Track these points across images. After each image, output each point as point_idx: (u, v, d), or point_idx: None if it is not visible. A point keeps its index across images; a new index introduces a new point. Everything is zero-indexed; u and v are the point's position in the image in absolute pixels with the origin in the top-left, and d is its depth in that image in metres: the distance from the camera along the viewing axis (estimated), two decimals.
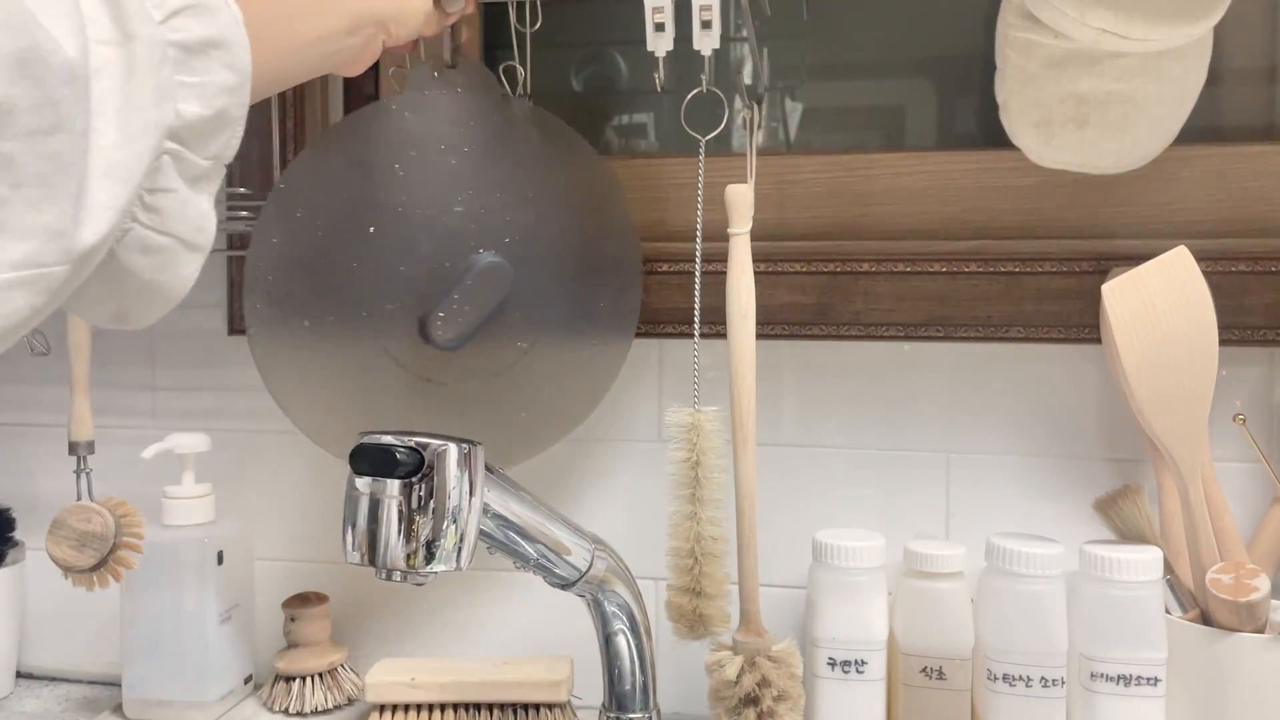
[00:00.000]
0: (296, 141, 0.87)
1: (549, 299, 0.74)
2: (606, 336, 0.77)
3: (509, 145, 0.74)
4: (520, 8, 0.74)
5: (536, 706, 0.77)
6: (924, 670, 0.69)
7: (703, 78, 0.70)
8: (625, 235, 0.78)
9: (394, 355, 0.73)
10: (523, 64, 0.75)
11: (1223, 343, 0.67)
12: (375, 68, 0.88)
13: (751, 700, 0.66)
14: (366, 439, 0.55)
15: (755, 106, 0.73)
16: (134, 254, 0.42)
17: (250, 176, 0.88)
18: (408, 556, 0.55)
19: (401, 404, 0.75)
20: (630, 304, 0.78)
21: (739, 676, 0.66)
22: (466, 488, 0.56)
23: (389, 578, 0.56)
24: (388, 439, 0.55)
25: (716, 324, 0.72)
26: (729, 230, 0.69)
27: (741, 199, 0.69)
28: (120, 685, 0.82)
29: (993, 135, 0.76)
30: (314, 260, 0.73)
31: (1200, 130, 0.77)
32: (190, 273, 0.45)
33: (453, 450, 0.55)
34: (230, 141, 0.45)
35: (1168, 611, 0.67)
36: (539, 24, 0.74)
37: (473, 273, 0.71)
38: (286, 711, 0.82)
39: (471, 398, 0.75)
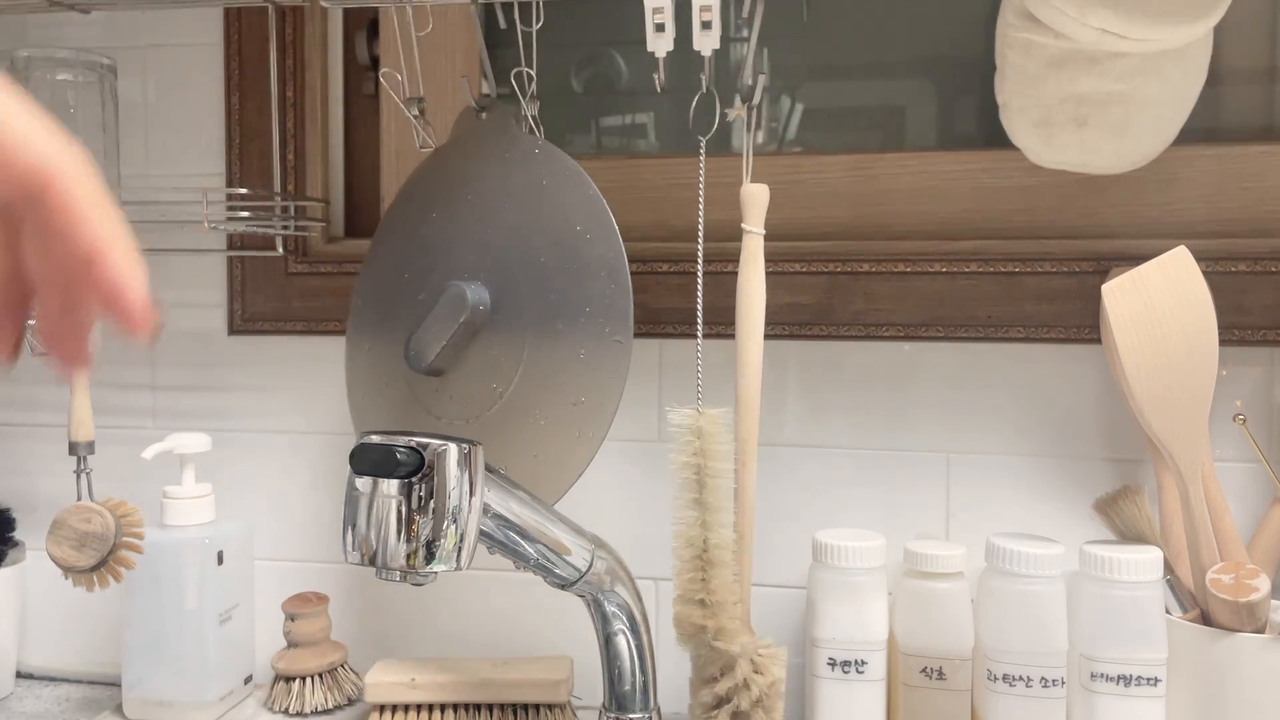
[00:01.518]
0: (296, 141, 0.87)
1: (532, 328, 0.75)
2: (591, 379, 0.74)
3: (515, 181, 0.77)
4: (525, 7, 0.74)
5: (536, 706, 0.77)
6: (924, 670, 0.69)
7: (703, 78, 0.70)
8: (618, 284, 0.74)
9: (406, 378, 0.78)
10: (528, 64, 0.74)
11: (1223, 343, 0.67)
12: (374, 66, 0.90)
13: (727, 701, 0.66)
14: (366, 439, 0.55)
15: (754, 107, 0.73)
16: None
17: (250, 176, 0.88)
18: (408, 556, 0.55)
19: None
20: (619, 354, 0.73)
21: (719, 676, 0.66)
22: (466, 488, 0.56)
23: (389, 578, 0.56)
24: (388, 439, 0.55)
25: (716, 324, 0.72)
26: (743, 226, 0.69)
27: (757, 197, 0.69)
28: (120, 685, 0.82)
29: (993, 135, 0.76)
30: (369, 285, 0.81)
31: (1200, 130, 0.77)
32: None
33: (453, 450, 0.55)
34: None
35: (1168, 612, 0.67)
36: (541, 22, 0.74)
37: (442, 300, 0.74)
38: (286, 711, 0.82)
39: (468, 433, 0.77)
